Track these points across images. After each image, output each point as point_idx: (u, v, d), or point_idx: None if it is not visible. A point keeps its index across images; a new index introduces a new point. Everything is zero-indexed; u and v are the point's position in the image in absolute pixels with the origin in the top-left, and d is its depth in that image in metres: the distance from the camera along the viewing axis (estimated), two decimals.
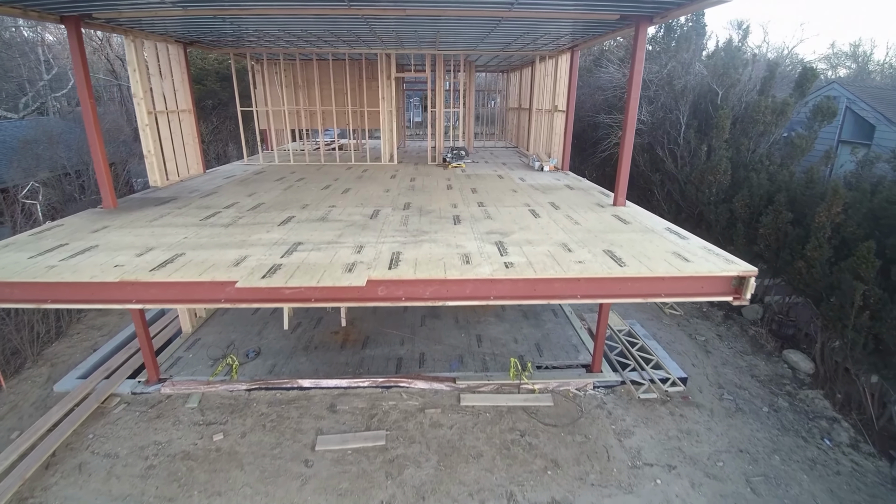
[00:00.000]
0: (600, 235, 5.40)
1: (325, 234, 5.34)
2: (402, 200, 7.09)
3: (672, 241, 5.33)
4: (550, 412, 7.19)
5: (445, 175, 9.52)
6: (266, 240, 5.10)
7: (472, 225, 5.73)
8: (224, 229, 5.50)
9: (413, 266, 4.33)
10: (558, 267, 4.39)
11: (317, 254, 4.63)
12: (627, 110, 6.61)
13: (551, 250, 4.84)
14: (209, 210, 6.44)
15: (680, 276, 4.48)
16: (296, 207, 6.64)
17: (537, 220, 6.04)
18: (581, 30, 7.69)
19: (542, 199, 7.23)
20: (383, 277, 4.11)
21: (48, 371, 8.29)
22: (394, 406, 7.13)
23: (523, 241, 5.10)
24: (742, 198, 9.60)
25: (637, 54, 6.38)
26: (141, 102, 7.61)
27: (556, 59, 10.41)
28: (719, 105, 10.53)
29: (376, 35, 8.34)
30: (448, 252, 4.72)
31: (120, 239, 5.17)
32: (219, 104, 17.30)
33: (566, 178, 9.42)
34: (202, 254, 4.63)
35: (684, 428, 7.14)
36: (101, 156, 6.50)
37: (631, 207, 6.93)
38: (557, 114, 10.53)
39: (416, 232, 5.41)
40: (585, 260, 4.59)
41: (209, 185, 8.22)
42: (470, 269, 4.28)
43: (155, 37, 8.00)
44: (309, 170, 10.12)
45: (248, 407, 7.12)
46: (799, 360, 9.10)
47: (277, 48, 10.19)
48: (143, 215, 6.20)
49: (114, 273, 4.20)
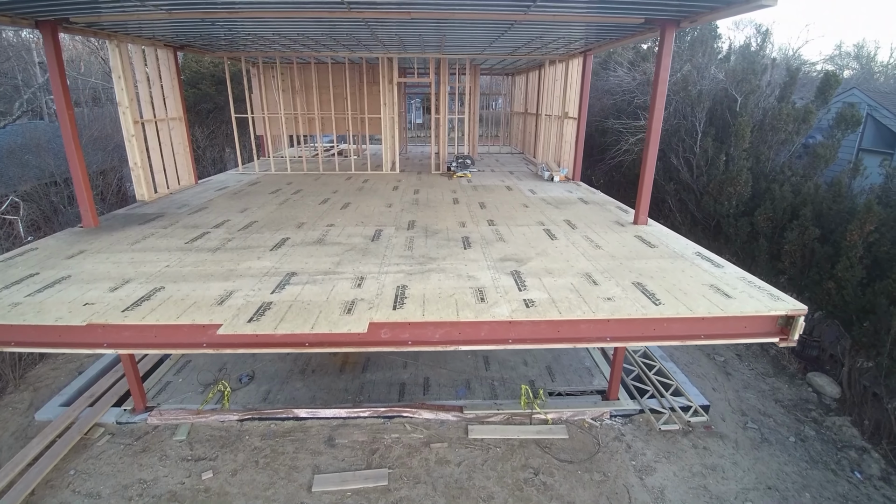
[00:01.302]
0: (626, 263, 4.89)
1: (322, 261, 4.84)
2: (406, 218, 6.58)
3: (707, 269, 4.82)
4: (565, 446, 6.68)
5: (451, 186, 9.02)
6: (256, 269, 4.59)
7: (484, 249, 5.23)
8: (211, 255, 5.00)
9: (420, 304, 3.83)
10: (585, 306, 3.88)
11: (312, 288, 4.13)
12: (651, 121, 6.11)
13: (574, 283, 4.34)
14: (196, 230, 5.94)
15: (726, 315, 3.98)
16: (291, 226, 6.14)
17: (554, 242, 5.53)
18: (598, 33, 7.18)
19: (556, 216, 6.73)
20: (387, 320, 3.60)
21: (30, 396, 7.79)
22: (397, 439, 6.62)
23: (542, 271, 4.60)
24: (764, 211, 9.08)
25: (663, 61, 5.87)
26: (126, 111, 7.11)
27: (567, 62, 9.91)
28: (738, 112, 10.02)
29: (378, 39, 7.84)
30: (459, 286, 4.21)
31: (95, 268, 4.66)
32: (214, 108, 16.80)
33: (578, 189, 8.91)
34: (184, 288, 4.13)
35: (709, 463, 6.64)
36: (81, 171, 6.00)
37: (653, 226, 6.42)
38: (568, 121, 10.03)
39: (423, 259, 4.90)
40: (615, 296, 4.08)
41: (199, 199, 7.72)
42: (485, 309, 3.78)
43: (142, 41, 7.50)
44: (306, 180, 9.62)
45: (240, 440, 6.62)
46: (824, 383, 8.58)
47: (273, 52, 9.69)
48: (124, 236, 5.70)
49: (82, 313, 3.70)
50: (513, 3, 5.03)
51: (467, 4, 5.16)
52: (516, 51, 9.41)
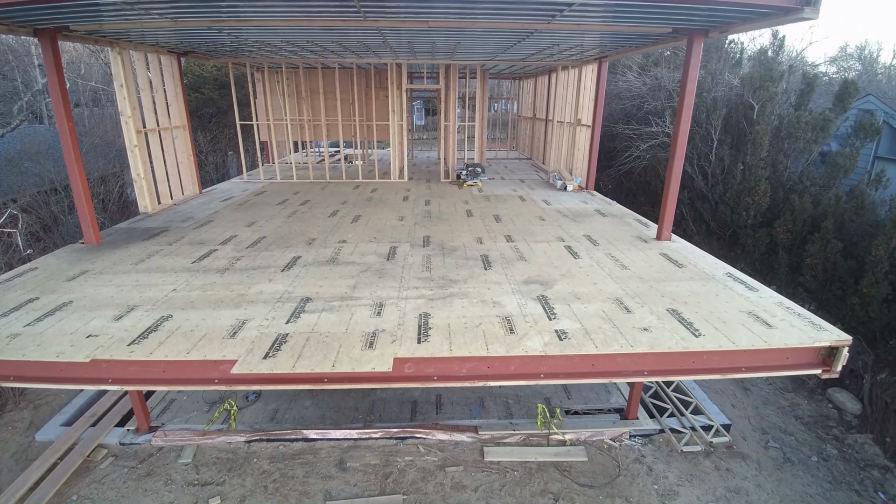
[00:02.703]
0: (656, 286, 4.65)
1: (337, 283, 4.60)
2: (420, 233, 6.34)
3: (741, 294, 4.58)
4: (585, 469, 6.44)
5: (462, 196, 8.78)
6: (268, 293, 4.35)
7: (506, 270, 4.99)
8: (219, 277, 4.75)
9: (446, 336, 3.59)
10: (622, 338, 3.64)
11: (329, 317, 3.89)
12: (677, 133, 5.87)
13: (606, 310, 4.10)
14: (203, 247, 5.70)
15: (765, 348, 3.74)
16: (301, 243, 5.90)
17: (577, 261, 5.29)
18: (618, 41, 6.94)
19: (575, 231, 6.49)
20: (412, 355, 3.36)
21: (30, 415, 7.54)
22: (410, 462, 6.38)
23: (570, 296, 4.36)
24: (784, 223, 8.85)
25: (690, 71, 5.64)
26: (129, 121, 6.86)
27: (580, 69, 9.67)
28: (755, 120, 9.78)
29: (388, 46, 7.60)
30: (485, 314, 3.97)
31: (98, 292, 4.42)
32: (217, 113, 16.55)
33: (593, 199, 8.67)
34: (192, 317, 3.89)
35: (732, 485, 6.41)
36: (82, 185, 5.76)
37: (678, 242, 6.19)
38: (581, 128, 9.79)
39: (443, 281, 4.66)
40: (651, 326, 3.84)
41: (204, 211, 7.47)
42: (516, 342, 3.54)
43: (145, 47, 7.25)
44: (313, 189, 9.37)
45: (247, 463, 6.38)
46: (845, 399, 8.35)
47: (279, 58, 9.45)
48: (128, 254, 5.45)
49: (86, 347, 3.46)
50: (538, 12, 4.79)
51: (489, 12, 4.92)
52: (529, 57, 9.18)
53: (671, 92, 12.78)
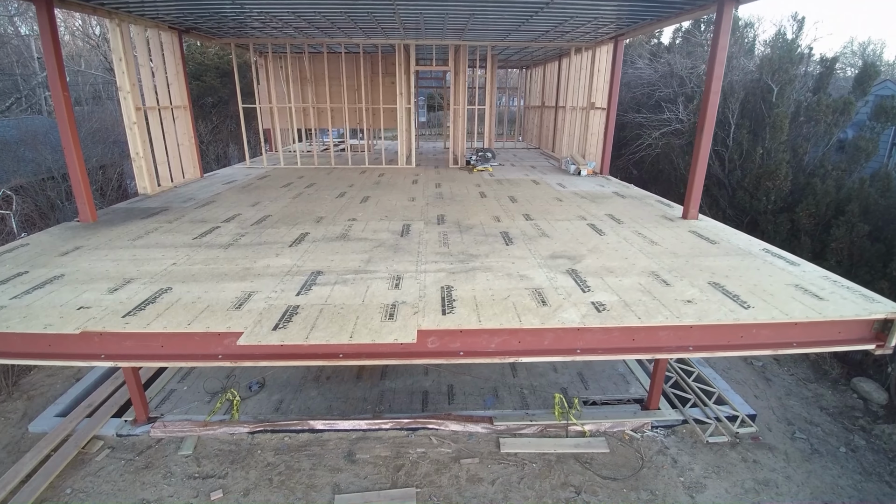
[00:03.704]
0: (692, 261, 4.33)
1: (350, 258, 4.28)
2: (434, 212, 6.02)
3: (783, 268, 4.26)
4: (607, 461, 6.11)
5: (473, 180, 8.45)
6: (276, 267, 4.03)
7: (529, 245, 4.67)
8: (223, 251, 4.44)
9: (474, 308, 3.27)
10: (665, 310, 3.32)
11: (343, 289, 3.57)
12: (705, 109, 5.55)
13: (643, 283, 3.77)
14: (205, 225, 5.38)
15: (821, 320, 3.42)
16: (308, 221, 5.58)
17: (603, 238, 4.97)
18: (636, 14, 6.61)
19: (596, 211, 6.17)
20: (438, 327, 3.04)
21: (24, 406, 7.21)
22: (423, 454, 6.06)
23: (602, 270, 4.03)
24: (807, 207, 8.52)
25: (720, 40, 5.32)
26: (128, 97, 6.55)
27: (594, 50, 9.35)
28: (774, 103, 9.46)
29: (399, 21, 7.29)
30: (513, 286, 3.65)
31: (92, 266, 4.10)
32: (219, 102, 16.24)
33: (609, 183, 8.35)
34: (194, 289, 3.57)
35: (760, 477, 6.08)
36: (78, 159, 5.44)
37: (706, 221, 5.87)
38: (595, 112, 9.47)
39: (463, 256, 4.34)
40: (695, 298, 3.52)
41: (206, 193, 7.16)
42: (550, 314, 3.22)
43: (145, 21, 6.94)
44: (319, 174, 9.05)
45: (251, 455, 6.05)
46: (871, 389, 8.01)
47: (284, 38, 9.13)
48: (125, 231, 5.14)
49: (76, 319, 3.14)
50: None
51: None
52: (542, 37, 8.86)
53: (683, 78, 12.46)
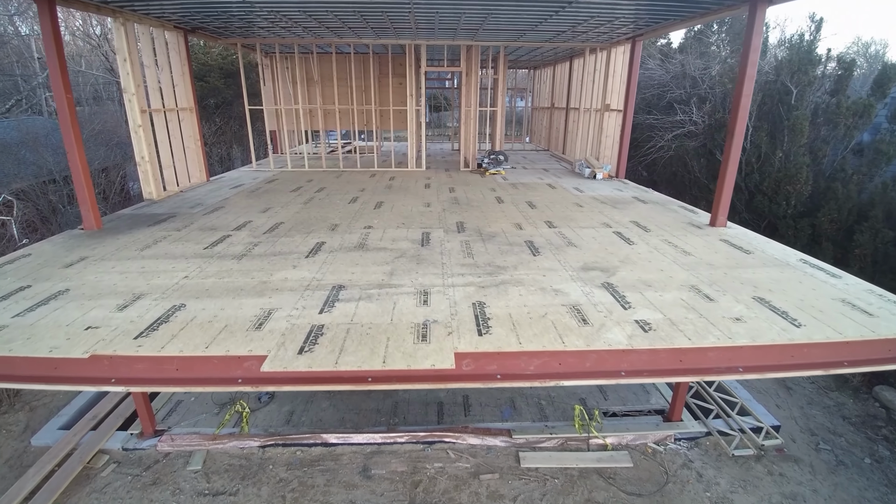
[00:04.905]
0: (731, 273, 4.11)
1: (371, 270, 4.06)
2: (452, 219, 5.80)
3: (825, 281, 4.04)
4: (631, 476, 5.89)
5: (487, 184, 8.23)
6: (294, 280, 3.81)
7: (557, 256, 4.45)
8: (237, 263, 4.22)
9: (511, 328, 3.05)
10: (715, 329, 3.10)
11: (368, 306, 3.35)
12: (737, 111, 5.34)
13: (685, 299, 3.56)
14: (215, 233, 5.16)
15: (874, 338, 3.21)
16: (323, 229, 5.36)
17: (633, 247, 4.76)
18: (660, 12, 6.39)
19: (620, 217, 5.95)
20: (476, 349, 2.83)
21: (26, 417, 6.99)
22: (441, 469, 5.84)
23: (639, 284, 3.82)
24: (828, 212, 8.30)
25: (753, 40, 5.11)
26: (133, 99, 6.33)
27: (609, 51, 9.14)
28: (793, 105, 9.24)
29: (413, 20, 7.07)
30: (549, 302, 3.43)
31: (99, 279, 3.88)
32: (222, 103, 16.01)
33: (627, 187, 8.13)
34: (209, 306, 3.35)
35: (787, 491, 5.87)
36: (81, 163, 5.23)
37: (734, 228, 5.65)
38: (610, 114, 9.26)
39: (490, 267, 4.12)
40: (743, 316, 3.31)
41: (214, 198, 6.94)
42: (594, 334, 3.00)
43: (150, 21, 6.71)
44: (328, 177, 8.84)
45: (262, 470, 5.83)
46: (893, 398, 7.80)
47: (292, 38, 8.91)
48: (132, 240, 4.91)
49: (84, 341, 2.92)
50: None
51: None
52: (557, 37, 8.64)
53: (696, 79, 12.24)
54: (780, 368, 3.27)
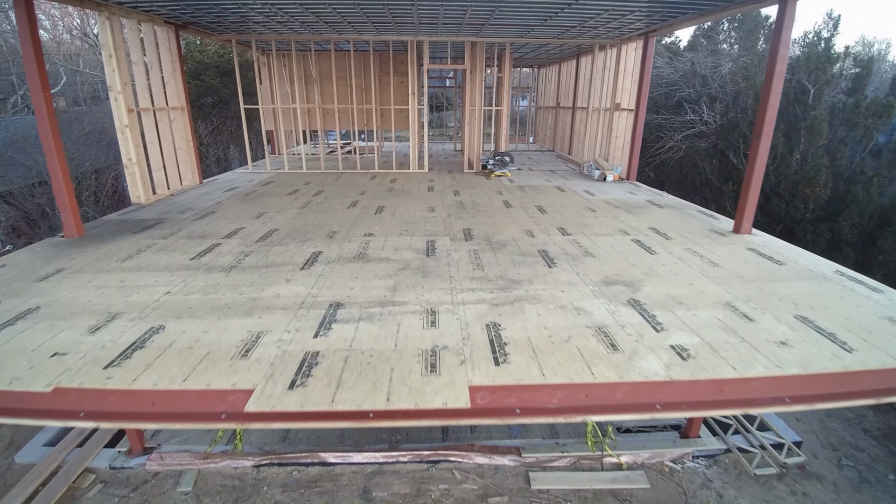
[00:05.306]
0: (766, 287, 3.76)
1: (372, 284, 3.71)
2: (459, 225, 5.45)
3: (866, 296, 3.69)
4: (647, 497, 5.55)
5: (493, 187, 7.88)
6: (287, 298, 3.46)
7: (575, 267, 4.10)
8: (225, 276, 3.87)
9: (532, 356, 2.70)
10: (761, 356, 2.76)
11: (369, 328, 3.00)
12: (765, 110, 4.99)
13: (722, 318, 3.21)
14: (204, 241, 4.81)
15: None
16: (320, 236, 5.01)
17: (656, 258, 4.41)
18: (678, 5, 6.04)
19: (637, 224, 5.60)
20: (493, 383, 2.48)
21: (10, 433, 6.64)
22: (446, 492, 5.49)
23: (668, 300, 3.47)
24: (849, 216, 7.96)
25: (783, 35, 4.77)
26: (119, 97, 5.98)
27: (620, 47, 8.78)
28: (810, 105, 8.89)
29: (416, 16, 6.72)
30: (571, 323, 3.08)
31: (73, 295, 3.53)
32: (219, 102, 15.66)
33: (639, 190, 7.78)
34: (191, 328, 3.00)
35: None
36: (61, 168, 4.88)
37: (760, 236, 5.30)
38: (620, 113, 8.91)
39: (503, 281, 3.77)
40: (788, 339, 2.96)
41: (206, 202, 6.59)
42: (627, 363, 2.65)
43: (138, 15, 6.36)
44: (326, 179, 8.49)
45: (257, 492, 5.49)
46: None
47: (289, 34, 8.56)
48: (114, 249, 4.57)
49: (49, 371, 2.58)
50: None
51: None
52: (565, 33, 8.28)
53: (706, 78, 11.89)
54: (829, 398, 2.92)
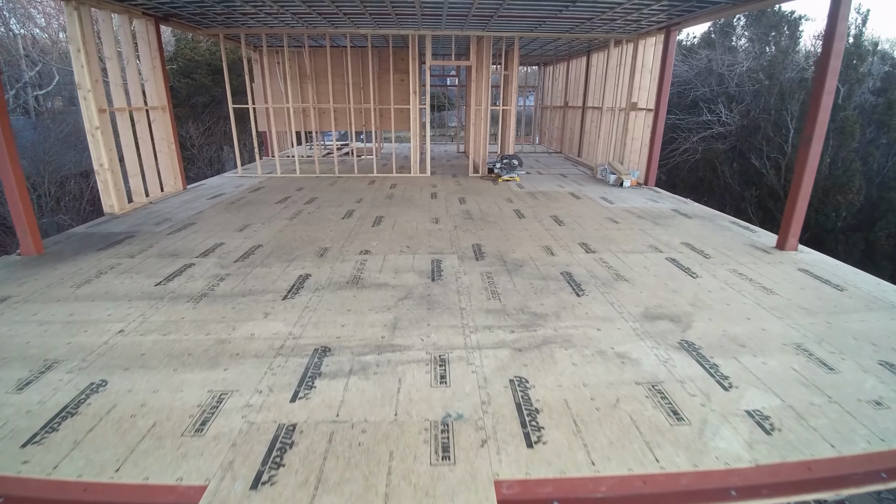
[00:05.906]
0: (835, 322, 3.16)
1: (367, 320, 3.10)
2: (467, 240, 4.84)
3: None
4: None
5: (502, 194, 7.27)
6: (263, 339, 2.85)
7: (607, 296, 3.49)
8: (192, 308, 3.25)
9: (573, 430, 2.09)
10: (859, 425, 2.16)
11: (363, 386, 2.39)
12: (816, 112, 4.42)
13: (798, 368, 2.60)
14: (175, 261, 4.19)
15: None
16: (309, 255, 4.40)
17: (698, 282, 3.80)
18: None
19: (667, 238, 4.99)
20: (527, 476, 1.87)
21: None
22: None
23: (727, 341, 2.86)
24: (886, 226, 7.35)
25: (839, 27, 4.20)
26: (88, 96, 5.37)
27: (636, 43, 8.18)
28: (840, 105, 8.28)
29: (418, 6, 6.11)
30: (616, 378, 2.47)
31: (11, 333, 2.93)
32: (211, 101, 15.03)
33: (660, 197, 7.18)
34: (139, 384, 2.40)
35: None
36: (16, 178, 4.28)
37: (808, 253, 4.69)
38: (637, 113, 8.30)
39: (525, 316, 3.16)
40: (884, 399, 2.35)
41: (186, 212, 5.97)
42: (697, 441, 2.05)
43: (112, 5, 5.75)
44: (321, 185, 7.87)
45: None
46: None
47: (281, 28, 7.94)
48: (72, 271, 3.95)
49: None
50: None
51: None
52: (579, 26, 7.67)
53: (723, 76, 11.27)
54: None
